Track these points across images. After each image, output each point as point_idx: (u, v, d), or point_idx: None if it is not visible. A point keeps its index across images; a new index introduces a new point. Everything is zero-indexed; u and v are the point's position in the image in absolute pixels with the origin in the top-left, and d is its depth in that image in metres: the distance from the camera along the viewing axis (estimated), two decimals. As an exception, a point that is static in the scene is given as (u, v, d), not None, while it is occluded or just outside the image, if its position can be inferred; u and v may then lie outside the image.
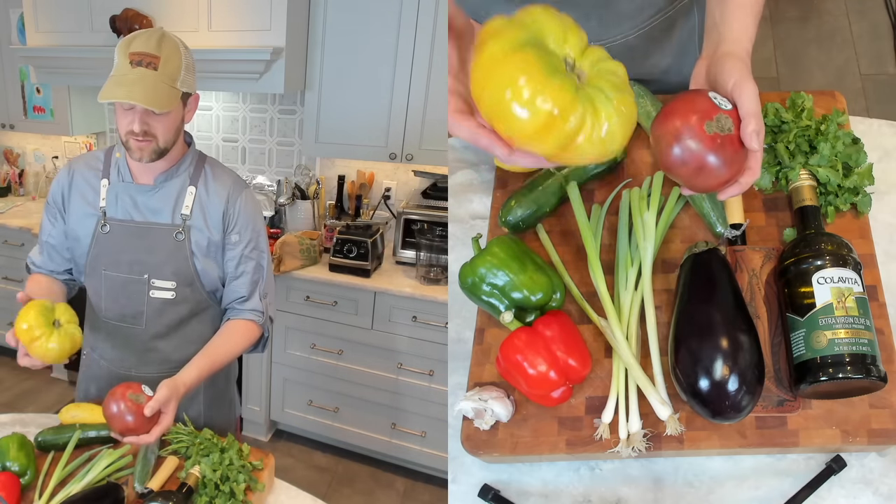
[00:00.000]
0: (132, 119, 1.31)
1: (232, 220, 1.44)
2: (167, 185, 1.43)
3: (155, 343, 1.49)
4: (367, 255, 2.67)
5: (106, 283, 1.46)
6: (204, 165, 1.46)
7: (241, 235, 1.45)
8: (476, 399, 1.05)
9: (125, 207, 1.43)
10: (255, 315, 1.47)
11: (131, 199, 1.43)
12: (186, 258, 1.42)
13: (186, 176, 1.44)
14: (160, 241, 1.42)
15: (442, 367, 2.60)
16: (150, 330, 1.48)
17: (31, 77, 3.25)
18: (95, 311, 1.52)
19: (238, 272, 1.46)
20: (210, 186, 1.44)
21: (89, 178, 1.46)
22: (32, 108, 3.42)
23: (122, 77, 1.29)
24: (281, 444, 3.03)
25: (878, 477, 1.02)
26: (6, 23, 3.28)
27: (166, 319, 1.47)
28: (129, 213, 1.43)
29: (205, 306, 1.50)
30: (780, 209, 1.21)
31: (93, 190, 1.45)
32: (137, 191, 1.43)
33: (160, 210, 1.43)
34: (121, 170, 1.44)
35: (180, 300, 1.45)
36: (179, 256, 1.42)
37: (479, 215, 1.35)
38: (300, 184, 3.06)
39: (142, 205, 1.43)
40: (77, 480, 1.22)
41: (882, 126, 1.37)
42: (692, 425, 1.02)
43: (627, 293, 1.11)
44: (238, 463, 1.24)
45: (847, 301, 1.00)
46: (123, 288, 1.45)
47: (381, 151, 2.77)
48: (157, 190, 1.42)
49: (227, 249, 1.45)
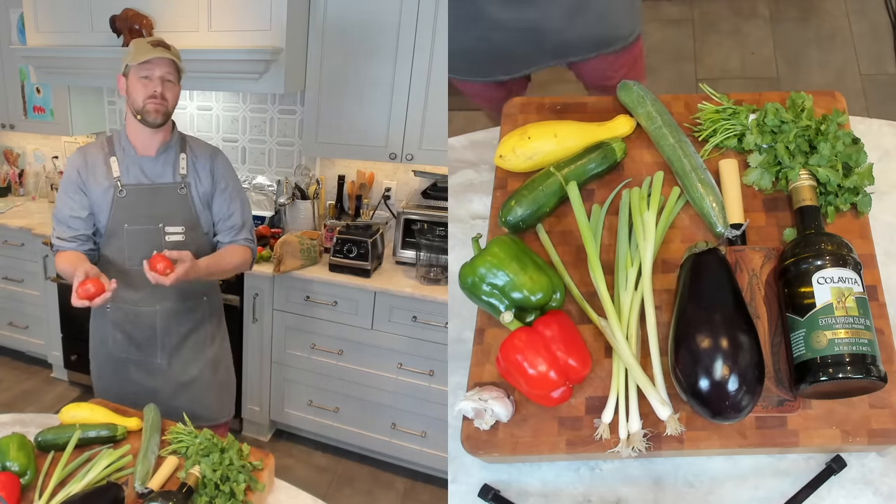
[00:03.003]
0: (154, 85, 1.69)
1: (219, 173, 1.85)
2: (165, 154, 1.80)
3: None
4: (367, 255, 2.67)
5: (129, 236, 1.79)
6: (186, 140, 1.86)
7: (226, 182, 1.87)
8: (476, 399, 1.05)
9: (135, 175, 1.79)
10: (248, 242, 1.89)
11: (139, 168, 1.79)
12: (190, 208, 1.82)
13: (177, 147, 1.83)
14: (168, 196, 1.80)
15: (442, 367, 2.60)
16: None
17: (31, 77, 3.25)
18: (117, 263, 1.80)
19: (231, 209, 1.87)
20: (196, 152, 1.85)
21: (99, 158, 1.79)
22: (32, 108, 3.42)
23: (149, 50, 1.68)
24: (281, 444, 3.02)
25: (878, 477, 1.02)
26: (6, 23, 3.28)
27: None
28: (140, 178, 1.79)
29: (206, 249, 1.85)
30: (780, 209, 1.21)
31: (104, 166, 1.78)
32: (143, 161, 1.79)
33: (164, 173, 1.80)
34: (125, 146, 1.79)
35: (188, 242, 1.80)
36: (184, 206, 1.81)
37: (479, 215, 1.35)
38: (300, 184, 3.06)
39: (148, 171, 1.79)
40: (77, 480, 1.22)
41: (882, 126, 1.37)
42: (692, 425, 1.02)
43: (627, 293, 1.11)
44: (238, 463, 1.24)
45: (847, 301, 1.00)
46: (144, 236, 1.78)
47: (381, 151, 2.77)
48: (159, 159, 1.80)
49: (219, 194, 1.85)
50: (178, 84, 1.76)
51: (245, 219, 1.90)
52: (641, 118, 1.30)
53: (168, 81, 1.71)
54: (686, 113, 1.34)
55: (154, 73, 1.69)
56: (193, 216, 1.82)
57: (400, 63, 2.64)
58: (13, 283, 3.38)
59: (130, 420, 1.39)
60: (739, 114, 1.28)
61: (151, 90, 1.69)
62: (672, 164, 1.24)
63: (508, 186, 1.31)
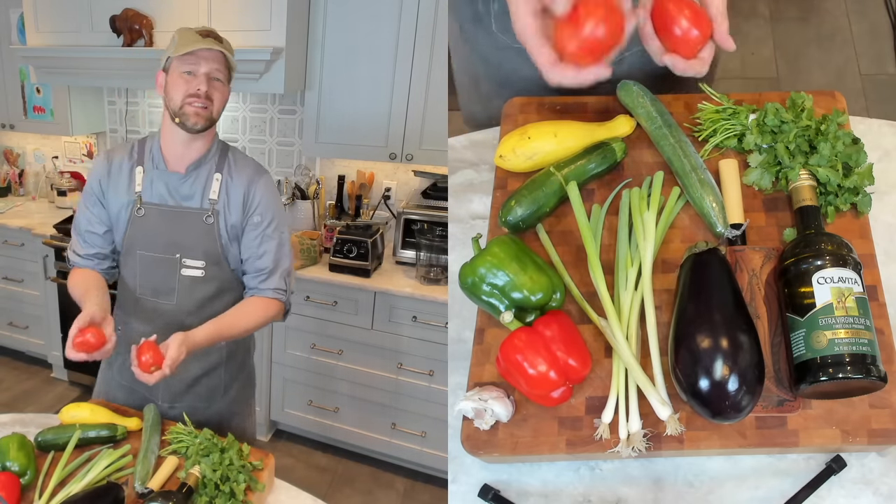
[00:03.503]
0: (198, 82, 1.43)
1: (253, 203, 1.54)
2: (197, 172, 1.53)
3: (184, 319, 1.55)
4: (367, 255, 2.67)
5: (141, 263, 1.56)
6: (227, 154, 1.57)
7: (262, 216, 1.55)
8: (476, 399, 1.05)
9: (159, 192, 1.54)
10: (277, 294, 1.57)
11: (165, 185, 1.54)
12: (215, 240, 1.54)
13: (213, 164, 1.54)
14: (191, 224, 1.53)
15: (442, 367, 2.60)
16: (180, 306, 1.57)
17: (31, 77, 3.25)
18: (130, 289, 1.60)
19: (261, 251, 1.56)
20: (233, 173, 1.55)
21: (124, 167, 1.56)
22: (32, 108, 3.42)
23: (196, 40, 1.42)
24: (281, 444, 3.03)
25: (878, 477, 1.02)
26: (6, 23, 3.28)
27: (196, 295, 1.56)
28: (164, 197, 1.54)
29: (230, 285, 1.60)
30: (780, 209, 1.21)
31: (128, 177, 1.55)
32: (171, 178, 1.53)
33: (191, 196, 1.54)
34: (155, 158, 1.54)
35: (209, 278, 1.56)
36: (208, 238, 1.54)
37: (479, 215, 1.35)
38: (300, 184, 3.06)
39: (174, 191, 1.54)
40: (77, 480, 1.22)
41: (882, 126, 1.37)
42: (692, 425, 1.02)
43: (627, 293, 1.11)
44: (238, 463, 1.24)
45: (847, 301, 1.00)
46: (157, 266, 1.55)
47: (381, 151, 2.77)
48: (189, 177, 1.53)
49: (249, 230, 1.55)
50: (227, 84, 1.49)
51: (279, 263, 1.57)
52: (641, 118, 1.30)
53: (215, 80, 1.45)
54: (686, 113, 1.34)
55: (199, 69, 1.43)
56: (217, 250, 1.54)
57: (400, 63, 2.64)
58: (13, 283, 3.39)
59: (130, 420, 1.39)
60: (739, 114, 1.28)
61: (194, 88, 1.43)
62: (672, 164, 1.24)
63: (508, 186, 1.31)
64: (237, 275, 1.60)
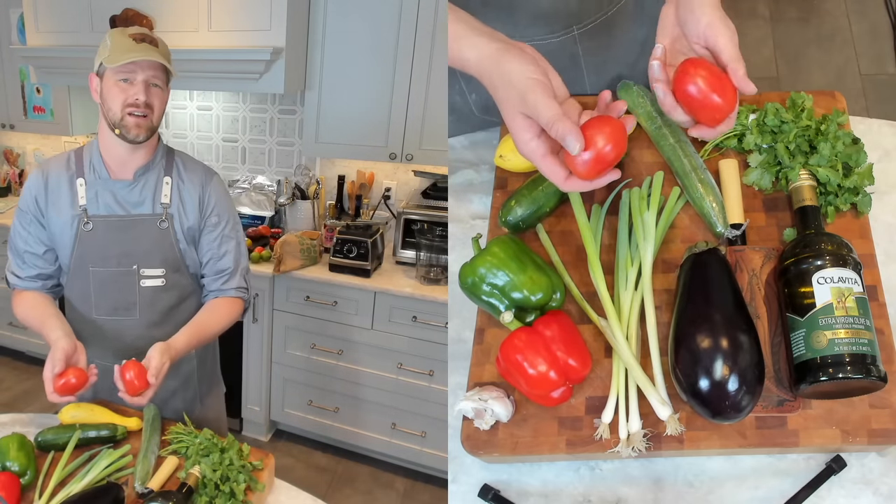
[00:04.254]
0: (136, 90, 1.36)
1: (209, 204, 1.51)
2: (145, 177, 1.47)
3: (150, 332, 1.49)
4: (367, 255, 2.67)
5: (95, 280, 1.48)
6: (174, 157, 1.52)
7: (219, 217, 1.52)
8: (476, 399, 1.05)
9: (106, 203, 1.46)
10: (240, 293, 1.55)
11: (112, 195, 1.46)
12: (172, 245, 1.48)
13: (161, 168, 1.49)
14: (146, 231, 1.47)
15: (442, 367, 2.60)
16: (143, 319, 1.51)
17: (31, 77, 3.25)
18: (82, 311, 1.51)
19: (221, 251, 1.53)
20: (184, 175, 1.51)
21: (63, 180, 1.46)
22: (32, 108, 3.42)
23: (130, 47, 1.35)
24: (281, 444, 3.03)
25: (878, 477, 1.02)
26: (6, 23, 3.28)
27: (159, 306, 1.51)
28: (112, 208, 1.46)
29: (191, 291, 1.56)
30: (780, 209, 1.21)
31: (69, 191, 1.46)
32: (117, 186, 1.46)
33: (141, 202, 1.47)
34: (96, 167, 1.46)
35: (170, 286, 1.51)
36: (165, 244, 1.48)
37: (479, 215, 1.35)
38: (300, 184, 3.06)
39: (122, 199, 1.46)
40: (77, 480, 1.21)
41: (882, 126, 1.37)
42: (692, 425, 1.02)
43: (627, 293, 1.11)
44: (238, 463, 1.24)
45: (847, 301, 1.00)
46: (114, 281, 1.48)
47: (381, 151, 2.77)
48: (137, 183, 1.47)
49: (208, 232, 1.51)
50: (166, 89, 1.42)
51: (238, 263, 1.55)
52: (641, 118, 1.30)
53: (154, 86, 1.38)
54: (686, 113, 1.34)
55: (136, 77, 1.36)
56: (176, 256, 1.49)
57: (400, 63, 2.64)
58: (13, 283, 3.38)
59: (130, 420, 1.39)
60: (739, 114, 1.28)
61: (133, 97, 1.36)
62: (672, 164, 1.24)
63: (508, 186, 1.31)
64: (196, 280, 1.56)
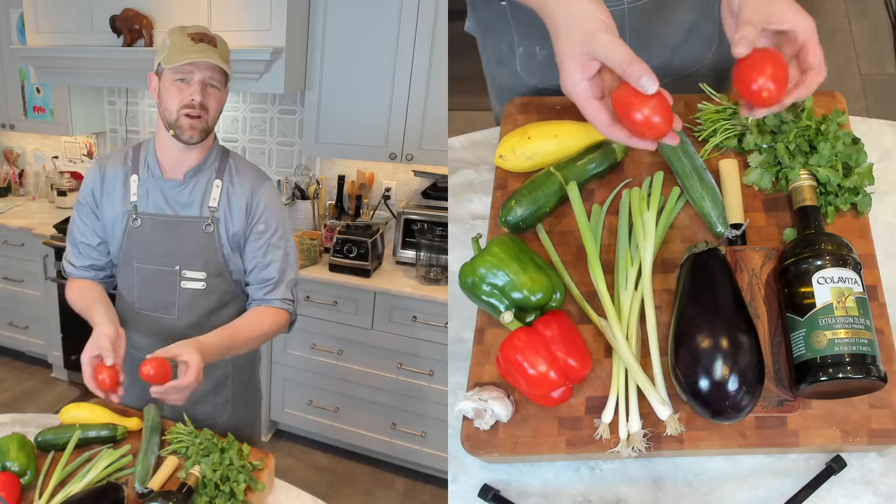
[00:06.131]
0: (192, 91, 1.37)
1: (257, 211, 1.49)
2: (195, 179, 1.48)
3: (188, 332, 1.45)
4: (367, 255, 2.67)
5: (138, 275, 1.50)
6: (228, 159, 1.51)
7: (267, 224, 1.49)
8: (476, 399, 1.05)
9: (156, 201, 1.48)
10: (284, 304, 1.51)
11: (161, 194, 1.48)
12: (216, 249, 1.48)
13: (213, 170, 1.49)
14: (190, 233, 1.47)
15: (442, 367, 2.60)
16: (182, 320, 1.52)
17: (31, 77, 3.25)
18: (128, 303, 1.54)
19: (266, 260, 1.50)
20: (235, 179, 1.49)
21: (118, 176, 1.50)
22: (32, 108, 3.42)
23: (188, 47, 1.36)
24: (281, 444, 3.03)
25: (878, 477, 1.02)
26: (6, 23, 3.28)
27: (198, 309, 1.51)
28: (160, 206, 1.48)
29: (233, 296, 1.54)
30: (780, 209, 1.21)
31: (123, 186, 1.49)
32: (167, 185, 1.48)
33: (190, 204, 1.48)
34: (150, 165, 1.49)
35: (210, 290, 1.50)
36: (209, 248, 1.47)
37: (479, 215, 1.35)
38: (300, 184, 3.06)
39: (172, 199, 1.48)
40: (77, 480, 1.21)
41: (882, 126, 1.37)
42: (692, 425, 1.02)
43: (627, 293, 1.11)
44: (238, 463, 1.24)
45: (847, 301, 1.00)
46: (155, 279, 1.49)
47: (381, 151, 2.77)
48: (187, 185, 1.48)
49: (254, 239, 1.49)
50: (223, 90, 1.42)
51: (285, 274, 1.50)
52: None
53: (211, 87, 1.39)
54: (686, 113, 1.34)
55: (193, 77, 1.37)
56: (219, 260, 1.48)
57: (400, 63, 2.64)
58: (13, 283, 3.39)
59: (130, 420, 1.39)
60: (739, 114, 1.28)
61: (188, 98, 1.37)
62: (672, 164, 1.24)
63: (508, 186, 1.31)
64: (240, 286, 1.54)
